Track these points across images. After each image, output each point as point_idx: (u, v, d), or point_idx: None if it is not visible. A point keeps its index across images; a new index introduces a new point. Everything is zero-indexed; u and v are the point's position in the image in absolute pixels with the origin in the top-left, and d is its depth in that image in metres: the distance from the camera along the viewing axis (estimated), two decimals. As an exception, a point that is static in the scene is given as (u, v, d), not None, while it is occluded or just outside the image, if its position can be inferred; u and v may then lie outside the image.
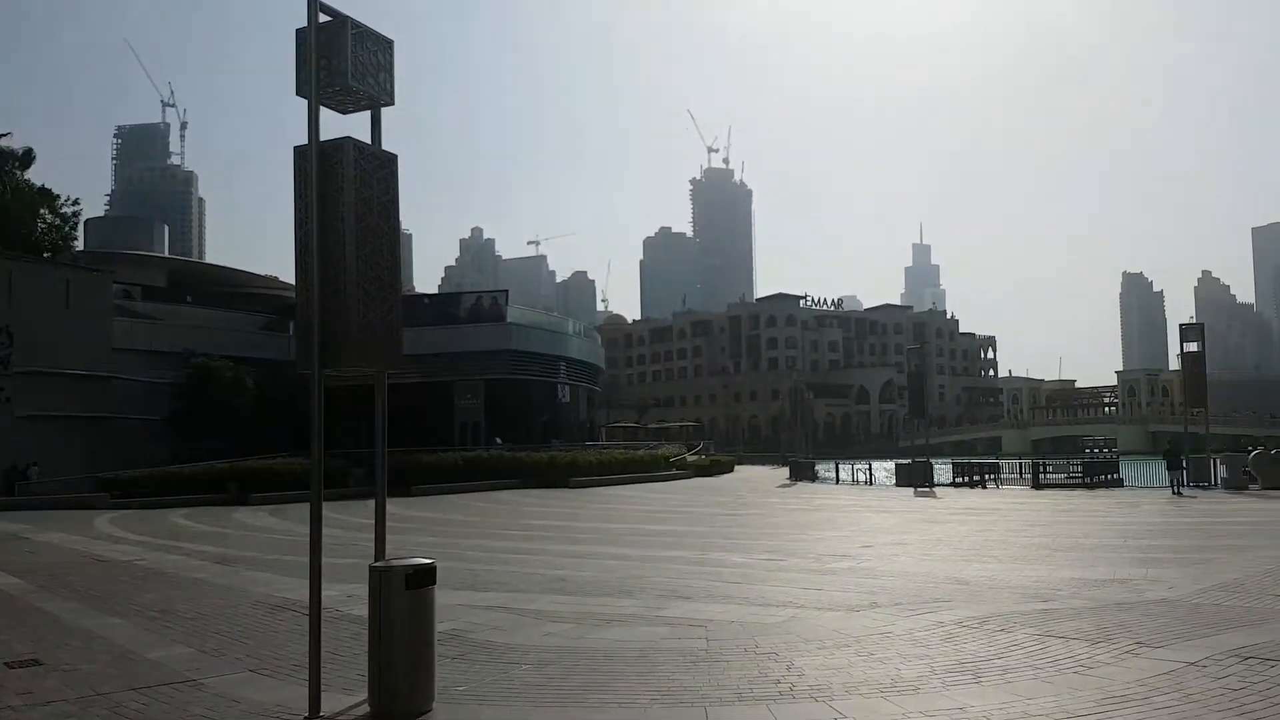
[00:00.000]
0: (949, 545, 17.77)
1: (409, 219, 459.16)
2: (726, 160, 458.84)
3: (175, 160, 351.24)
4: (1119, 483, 36.79)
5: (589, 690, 7.57)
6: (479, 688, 7.73)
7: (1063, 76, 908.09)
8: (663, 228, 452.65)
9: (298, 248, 7.17)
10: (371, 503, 7.93)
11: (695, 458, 58.56)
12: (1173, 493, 30.85)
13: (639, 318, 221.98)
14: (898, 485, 41.38)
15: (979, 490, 37.70)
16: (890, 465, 48.01)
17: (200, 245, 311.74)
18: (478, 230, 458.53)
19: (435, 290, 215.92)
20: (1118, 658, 8.19)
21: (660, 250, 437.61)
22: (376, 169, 7.39)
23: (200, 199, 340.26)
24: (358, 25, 7.33)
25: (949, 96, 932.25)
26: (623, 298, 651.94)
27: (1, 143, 53.20)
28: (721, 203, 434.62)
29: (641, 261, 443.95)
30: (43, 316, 41.68)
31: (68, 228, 54.45)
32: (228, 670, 8.51)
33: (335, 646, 8.91)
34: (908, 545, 17.91)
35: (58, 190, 53.78)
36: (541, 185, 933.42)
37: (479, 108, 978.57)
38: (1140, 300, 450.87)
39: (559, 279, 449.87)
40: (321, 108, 7.23)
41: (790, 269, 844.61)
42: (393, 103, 7.63)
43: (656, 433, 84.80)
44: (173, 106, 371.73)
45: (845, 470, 48.67)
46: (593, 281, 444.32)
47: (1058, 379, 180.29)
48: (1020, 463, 43.35)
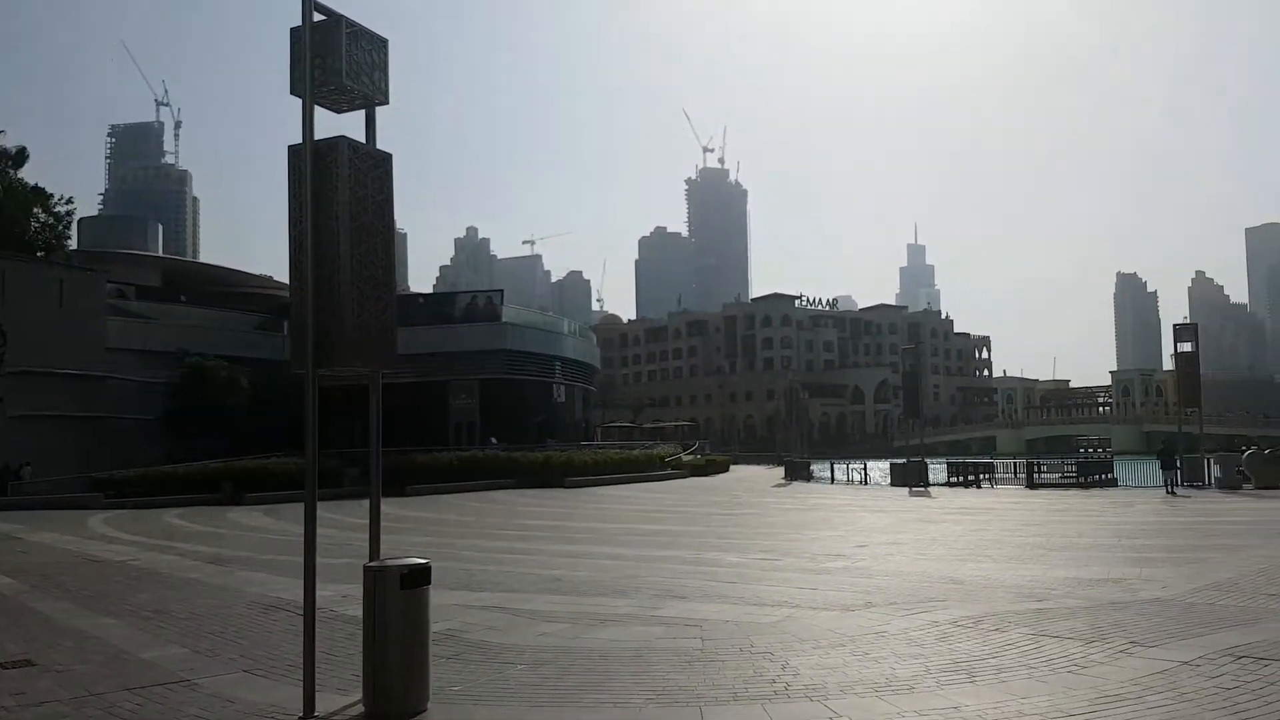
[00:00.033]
0: (944, 545, 17.79)
1: (404, 218, 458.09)
2: (722, 160, 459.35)
3: (169, 159, 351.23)
4: (1113, 482, 36.84)
5: (584, 690, 7.56)
6: (474, 688, 7.72)
7: (1058, 78, 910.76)
8: (658, 227, 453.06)
9: (292, 247, 7.16)
10: (366, 503, 7.92)
11: (690, 457, 58.52)
12: (1167, 492, 30.89)
13: (634, 317, 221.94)
14: (893, 485, 41.40)
15: (973, 490, 37.74)
16: (885, 465, 48.08)
17: (195, 244, 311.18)
18: (473, 230, 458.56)
19: (430, 290, 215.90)
20: (1112, 657, 8.20)
21: (655, 250, 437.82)
22: (371, 168, 7.38)
23: (195, 198, 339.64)
24: (352, 24, 7.32)
25: (944, 97, 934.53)
26: (618, 297, 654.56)
27: None
28: (717, 202, 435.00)
29: (637, 261, 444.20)
30: (36, 316, 41.60)
31: (61, 227, 54.38)
32: (222, 670, 8.49)
33: (330, 647, 8.89)
34: (902, 545, 17.93)
35: (51, 189, 53.79)
36: (537, 185, 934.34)
37: (474, 107, 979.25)
38: (1134, 300, 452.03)
39: (554, 279, 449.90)
40: (316, 107, 7.23)
41: (785, 269, 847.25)
42: (387, 102, 7.63)
43: (652, 432, 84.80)
44: (167, 105, 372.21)
45: (840, 470, 48.79)
46: (588, 281, 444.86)
47: (1052, 379, 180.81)
48: (1015, 462, 43.50)
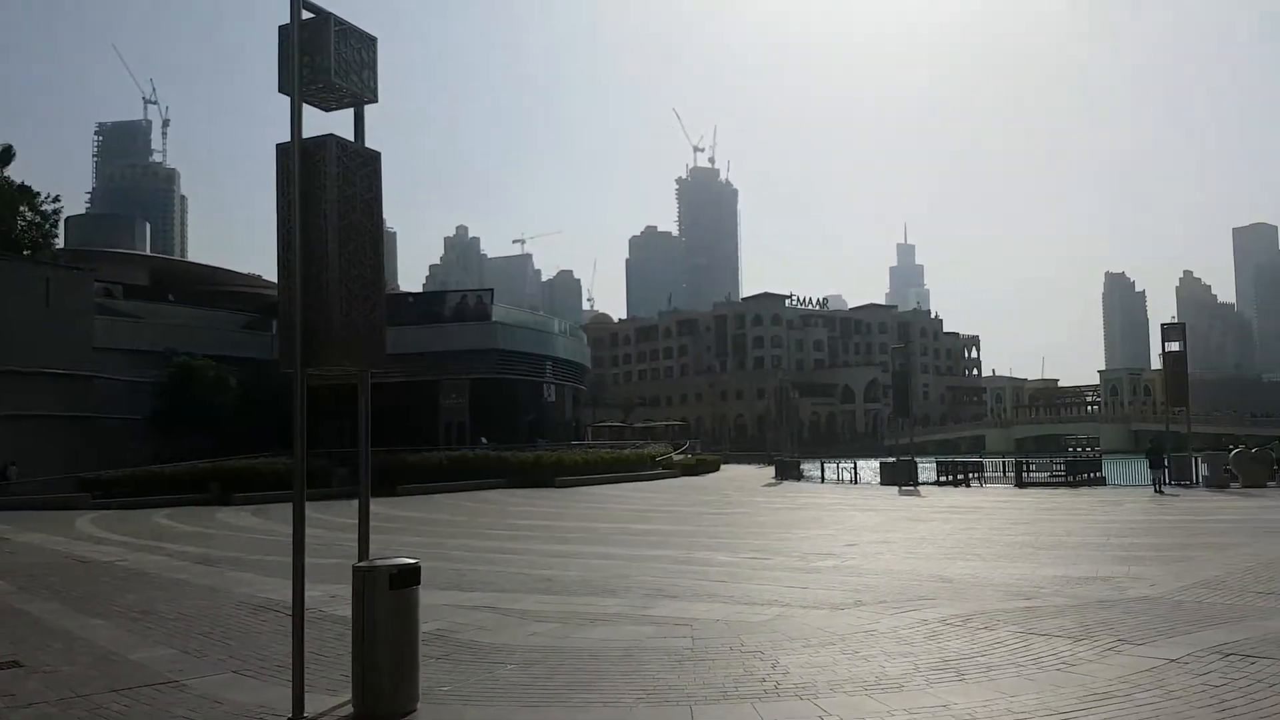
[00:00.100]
0: (933, 543, 17.83)
1: (393, 217, 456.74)
2: (712, 160, 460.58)
3: (157, 158, 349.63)
4: (1101, 481, 36.98)
5: (574, 690, 7.55)
6: (463, 688, 7.71)
7: (1048, 79, 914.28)
8: (648, 227, 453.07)
9: (280, 246, 7.12)
10: (355, 503, 7.89)
11: (681, 457, 58.53)
12: (1155, 491, 31.04)
13: (625, 317, 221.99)
14: (882, 484, 41.48)
15: (963, 489, 37.87)
16: (875, 464, 48.17)
17: (182, 243, 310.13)
18: (463, 229, 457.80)
19: (420, 289, 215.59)
20: (1100, 655, 8.24)
21: (646, 249, 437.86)
22: (359, 166, 7.35)
23: (182, 197, 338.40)
24: (341, 22, 7.29)
25: (934, 99, 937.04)
26: (608, 297, 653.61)
27: None
28: (707, 202, 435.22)
29: (627, 260, 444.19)
30: (22, 315, 41.33)
31: (48, 225, 53.99)
32: (210, 671, 8.46)
33: (319, 647, 8.87)
34: (892, 543, 17.97)
35: (38, 187, 53.38)
36: (527, 184, 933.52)
37: (464, 106, 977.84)
38: (1123, 300, 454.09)
39: (544, 278, 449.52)
40: (305, 105, 7.18)
41: (775, 269, 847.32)
42: (376, 100, 7.60)
43: (642, 432, 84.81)
44: (155, 103, 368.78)
45: (830, 469, 48.81)
46: (578, 280, 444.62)
47: (1041, 378, 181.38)
48: (1003, 461, 43.54)
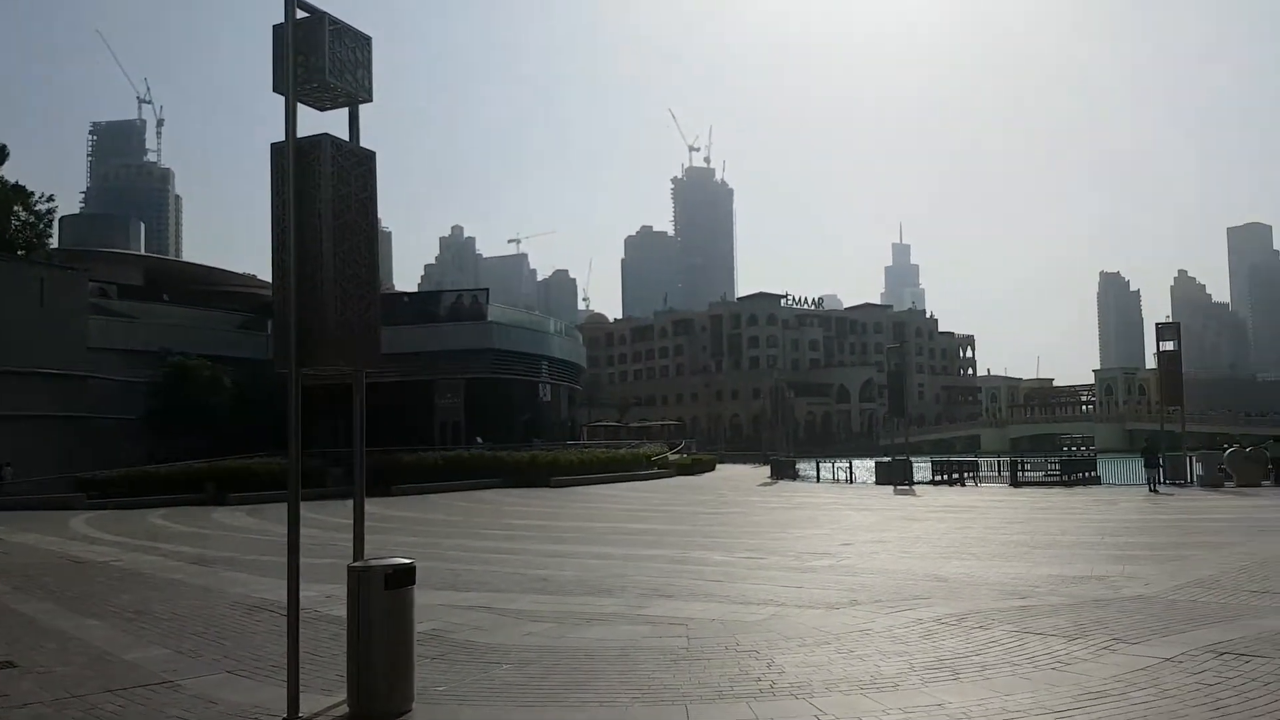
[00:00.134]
0: (928, 543, 17.85)
1: (389, 217, 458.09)
2: (708, 159, 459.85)
3: (152, 157, 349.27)
4: (1096, 480, 37.03)
5: (569, 689, 7.55)
6: (459, 688, 7.70)
7: (1043, 79, 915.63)
8: (644, 226, 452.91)
9: (275, 245, 7.11)
10: (350, 503, 7.88)
11: (677, 456, 58.57)
12: (1149, 490, 31.10)
13: (620, 316, 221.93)
14: (878, 483, 41.52)
15: (958, 488, 37.90)
16: (870, 463, 48.21)
17: (177, 243, 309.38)
18: (458, 228, 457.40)
19: (415, 289, 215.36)
20: (1095, 654, 8.25)
21: (641, 249, 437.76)
22: (354, 166, 7.34)
23: (177, 196, 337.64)
24: (335, 22, 7.28)
25: (929, 99, 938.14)
26: (604, 296, 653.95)
27: None
28: (703, 202, 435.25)
29: (623, 260, 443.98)
30: (17, 315, 41.25)
31: (42, 225, 53.91)
32: (205, 671, 8.44)
33: (314, 647, 8.86)
34: (887, 543, 17.98)
35: (32, 187, 53.30)
36: (522, 184, 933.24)
37: (460, 105, 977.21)
38: (1117, 300, 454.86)
39: (540, 277, 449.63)
40: (299, 105, 7.17)
41: (771, 268, 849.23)
42: (371, 100, 7.58)
43: (638, 431, 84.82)
44: (149, 103, 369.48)
45: (826, 468, 48.92)
46: (574, 280, 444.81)
47: (1036, 378, 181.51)
48: (998, 461, 43.63)
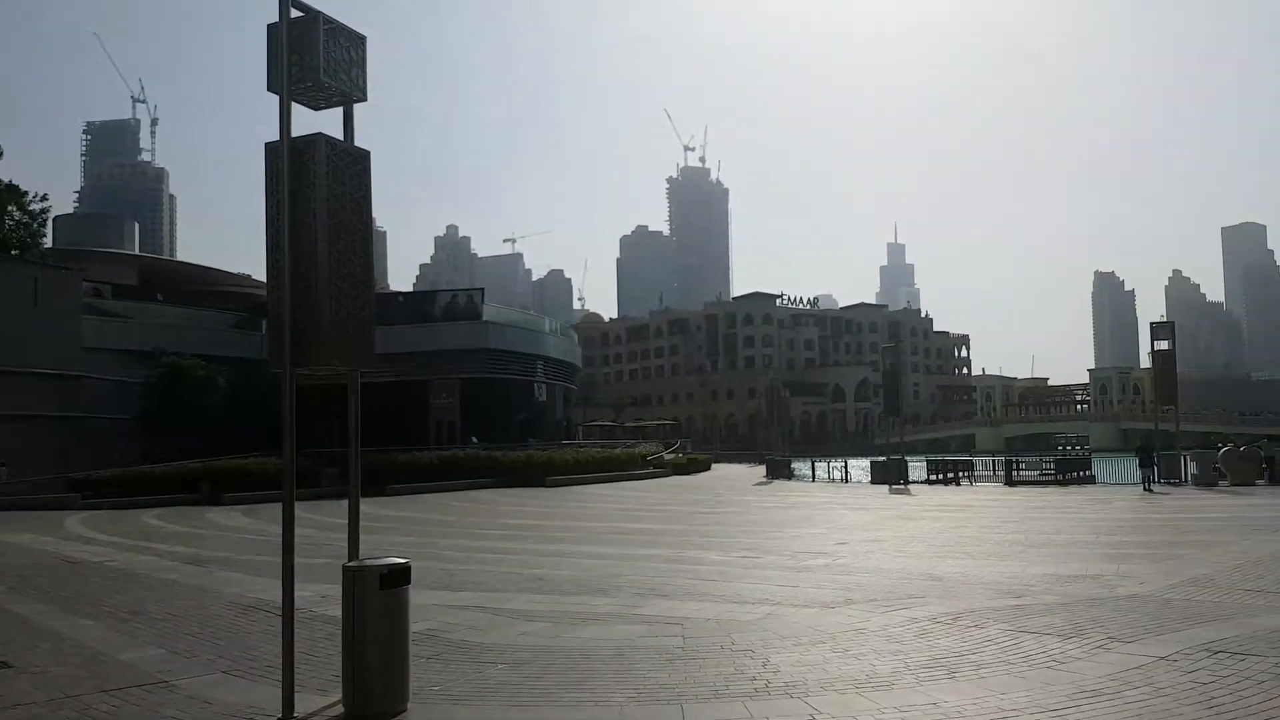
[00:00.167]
0: (923, 542, 17.87)
1: (384, 216, 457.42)
2: (703, 159, 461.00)
3: (146, 157, 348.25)
4: (1091, 479, 37.07)
5: (565, 689, 7.55)
6: (454, 688, 7.69)
7: (1038, 79, 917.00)
8: (639, 226, 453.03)
9: (269, 244, 7.10)
10: (345, 502, 7.88)
11: (672, 456, 58.53)
12: (1144, 489, 31.15)
13: (616, 316, 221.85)
14: (873, 483, 41.55)
15: (953, 487, 37.93)
16: (865, 463, 48.23)
17: (171, 243, 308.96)
18: (453, 228, 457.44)
19: (410, 288, 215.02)
20: (1089, 653, 8.26)
21: (637, 249, 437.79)
22: (349, 165, 7.33)
23: (171, 196, 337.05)
24: (330, 21, 7.27)
25: (924, 99, 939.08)
26: (599, 296, 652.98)
27: None
28: (698, 201, 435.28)
29: (618, 260, 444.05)
30: (10, 315, 41.12)
31: (36, 225, 53.70)
32: (200, 671, 8.43)
33: (309, 647, 8.84)
34: (882, 542, 18.00)
35: (26, 186, 53.07)
36: (518, 183, 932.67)
37: (455, 105, 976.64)
38: (1112, 299, 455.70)
39: (535, 277, 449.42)
40: (294, 104, 7.16)
41: (766, 268, 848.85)
42: (365, 99, 7.57)
43: (633, 431, 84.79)
44: (143, 102, 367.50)
45: (821, 468, 48.98)
46: (569, 280, 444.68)
47: (1030, 377, 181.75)
48: (993, 460, 43.61)
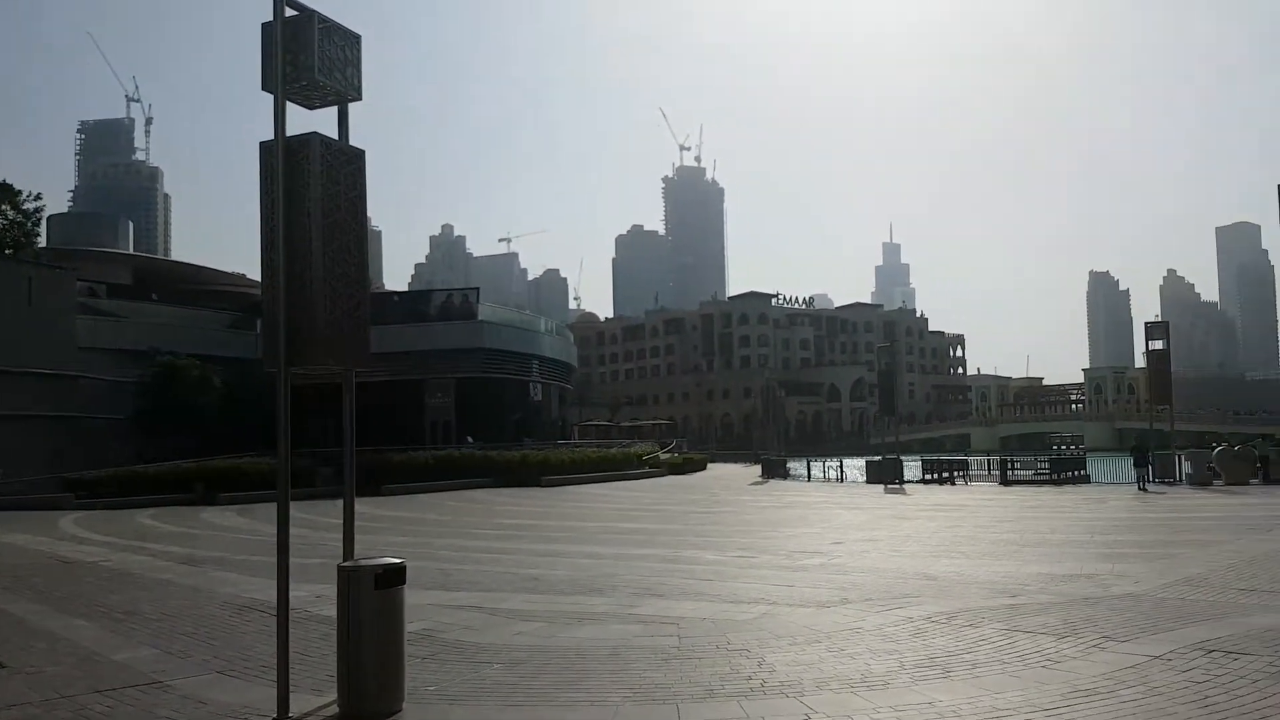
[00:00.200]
0: (918, 541, 17.90)
1: (379, 216, 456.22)
2: (698, 158, 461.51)
3: (140, 156, 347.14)
4: (1085, 479, 37.14)
5: (560, 689, 7.55)
6: (449, 687, 7.69)
7: (1032, 78, 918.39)
8: (635, 225, 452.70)
9: (264, 244, 7.08)
10: (340, 502, 7.86)
11: (668, 456, 58.52)
12: (1138, 488, 31.22)
13: (611, 316, 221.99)
14: (868, 482, 41.59)
15: (948, 487, 38.00)
16: (861, 462, 48.27)
17: (166, 242, 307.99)
18: (448, 227, 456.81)
19: (405, 288, 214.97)
20: (1084, 652, 8.28)
21: (632, 248, 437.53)
22: (343, 164, 7.32)
23: (166, 195, 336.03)
24: (325, 20, 7.25)
25: (920, 98, 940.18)
26: (595, 296, 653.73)
27: None
28: (694, 201, 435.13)
29: (614, 259, 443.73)
30: (5, 314, 40.97)
31: (30, 224, 53.51)
32: (195, 672, 8.42)
33: (304, 647, 8.84)
34: (878, 541, 18.02)
35: (20, 186, 52.90)
36: (513, 183, 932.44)
37: (450, 104, 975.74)
38: (1107, 299, 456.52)
39: (531, 277, 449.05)
40: (288, 103, 7.14)
41: (762, 268, 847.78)
42: (360, 98, 7.56)
43: (629, 431, 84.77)
44: (137, 101, 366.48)
45: (817, 467, 48.97)
46: (565, 279, 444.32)
47: (1025, 377, 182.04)
48: (988, 459, 43.66)
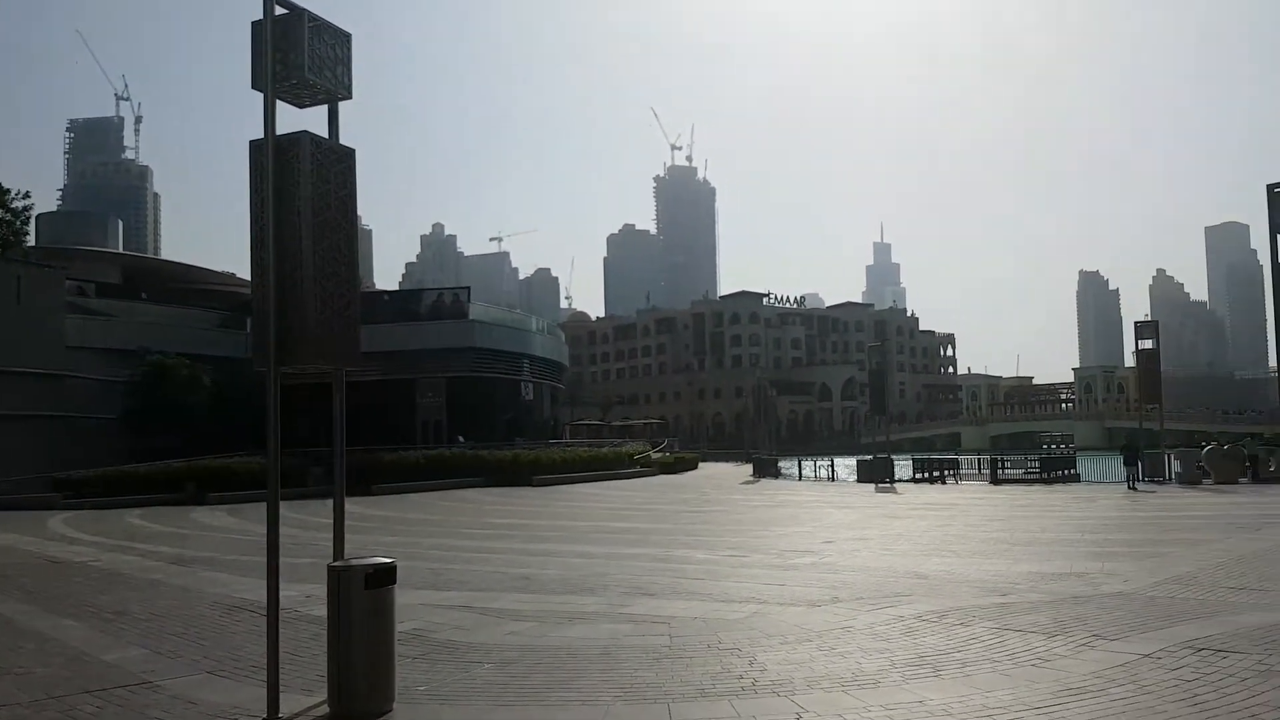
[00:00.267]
0: (909, 540, 17.93)
1: (369, 215, 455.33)
2: (690, 158, 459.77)
3: (129, 154, 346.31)
4: (1075, 478, 37.25)
5: (551, 688, 7.54)
6: (440, 687, 7.67)
7: (1023, 79, 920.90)
8: (626, 225, 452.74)
9: (254, 243, 7.05)
10: (330, 502, 7.84)
11: (659, 455, 58.53)
12: (1128, 488, 31.34)
13: (603, 315, 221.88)
14: (859, 481, 41.69)
15: (938, 486, 38.07)
16: (852, 461, 48.39)
17: (155, 241, 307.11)
18: (439, 226, 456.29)
19: (396, 287, 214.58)
20: (1074, 650, 8.30)
21: (624, 247, 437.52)
22: (334, 163, 7.30)
23: (155, 194, 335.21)
24: (315, 18, 7.22)
25: (910, 98, 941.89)
26: (586, 295, 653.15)
27: None
28: (685, 200, 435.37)
29: (605, 259, 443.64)
30: (-7, 313, 40.82)
31: (19, 223, 53.32)
32: (184, 672, 8.38)
33: (294, 647, 8.81)
34: (868, 540, 18.05)
35: (8, 184, 52.69)
36: (504, 182, 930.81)
37: (441, 103, 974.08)
38: (1097, 299, 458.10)
39: (522, 276, 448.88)
40: (278, 102, 7.12)
41: (753, 267, 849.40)
42: (350, 97, 7.54)
43: (621, 430, 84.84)
44: (127, 100, 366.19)
45: (808, 466, 49.04)
46: (556, 279, 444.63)
47: (1015, 376, 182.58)
48: (979, 458, 43.78)
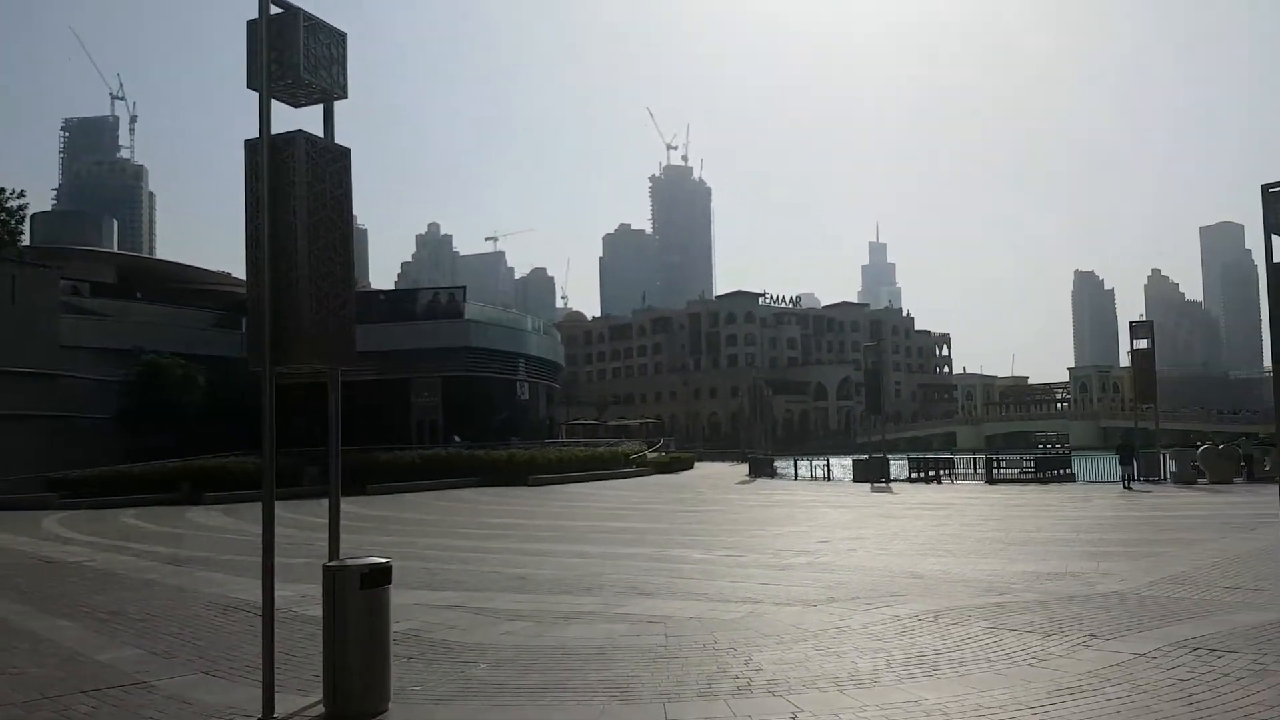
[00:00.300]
0: (905, 540, 17.95)
1: (365, 215, 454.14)
2: (685, 158, 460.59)
3: (124, 154, 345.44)
4: (1071, 477, 37.31)
5: (546, 688, 7.54)
6: (435, 687, 7.67)
7: (1017, 78, 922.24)
8: (622, 225, 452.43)
9: (249, 243, 7.05)
10: (326, 502, 7.83)
11: (655, 455, 58.49)
12: (1123, 487, 31.38)
13: (599, 315, 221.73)
14: (855, 481, 41.70)
15: (934, 485, 38.10)
16: (847, 461, 48.38)
17: (150, 240, 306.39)
18: (435, 226, 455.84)
19: (392, 286, 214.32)
20: (1070, 650, 8.32)
21: (620, 247, 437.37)
22: (329, 163, 7.29)
23: (150, 193, 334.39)
24: (310, 17, 7.22)
25: (906, 98, 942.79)
26: (582, 295, 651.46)
27: None
28: (681, 200, 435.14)
29: (601, 258, 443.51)
30: (-13, 313, 40.75)
31: (13, 222, 53.23)
32: (179, 672, 8.38)
33: (289, 647, 8.81)
34: (864, 540, 18.06)
35: (3, 184, 52.80)
36: (500, 181, 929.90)
37: (437, 102, 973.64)
38: (1092, 298, 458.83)
39: (518, 276, 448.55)
40: (273, 101, 7.11)
41: (749, 267, 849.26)
42: (346, 96, 7.53)
43: (616, 430, 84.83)
44: (122, 99, 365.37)
45: (804, 466, 49.07)
46: (552, 278, 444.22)
47: (1011, 376, 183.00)
48: (974, 458, 43.81)
